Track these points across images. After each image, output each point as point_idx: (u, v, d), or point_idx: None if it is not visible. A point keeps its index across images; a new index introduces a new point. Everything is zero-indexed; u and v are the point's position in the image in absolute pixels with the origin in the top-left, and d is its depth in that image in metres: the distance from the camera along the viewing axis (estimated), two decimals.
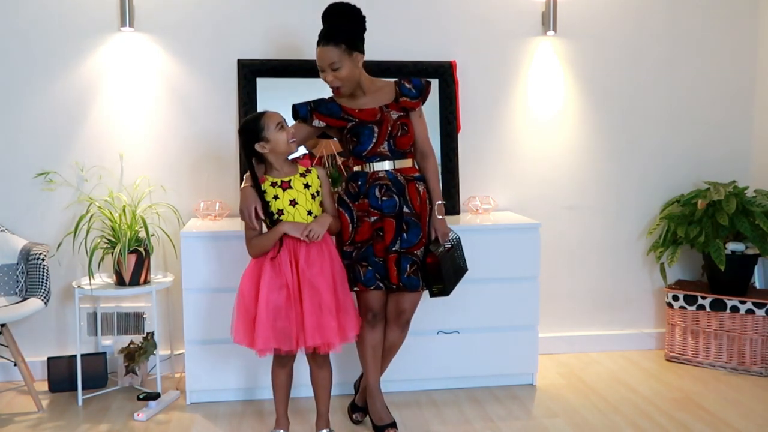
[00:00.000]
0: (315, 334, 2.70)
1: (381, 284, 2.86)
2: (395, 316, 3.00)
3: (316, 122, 2.91)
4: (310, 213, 2.77)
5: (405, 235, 2.85)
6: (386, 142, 2.87)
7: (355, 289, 2.88)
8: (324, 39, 2.82)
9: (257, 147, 2.73)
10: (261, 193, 2.75)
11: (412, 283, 2.86)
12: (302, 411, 3.17)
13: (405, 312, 2.98)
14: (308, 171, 2.83)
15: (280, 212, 2.76)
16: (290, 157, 2.83)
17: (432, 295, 2.93)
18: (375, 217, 2.85)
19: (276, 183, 2.76)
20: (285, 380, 2.89)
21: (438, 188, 2.98)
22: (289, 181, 2.77)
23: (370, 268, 2.85)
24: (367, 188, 2.86)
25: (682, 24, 3.96)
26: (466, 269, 3.07)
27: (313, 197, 2.79)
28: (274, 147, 2.73)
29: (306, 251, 2.74)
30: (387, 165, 2.88)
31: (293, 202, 2.75)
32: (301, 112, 2.92)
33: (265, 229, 2.80)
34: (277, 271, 2.73)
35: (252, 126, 2.73)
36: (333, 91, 2.89)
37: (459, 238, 3.03)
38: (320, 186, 2.83)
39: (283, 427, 2.93)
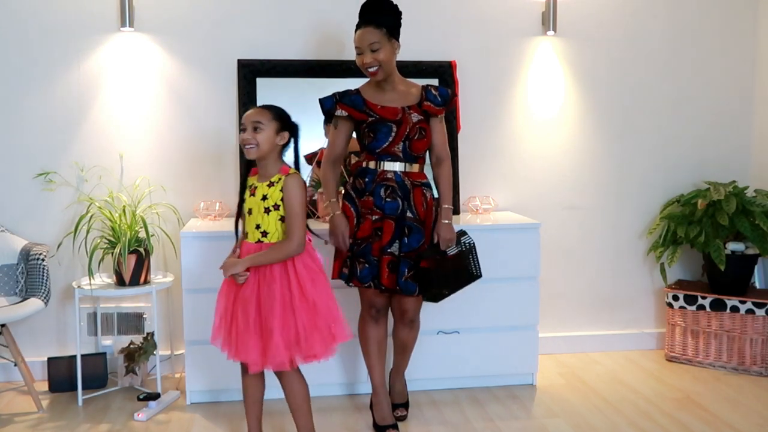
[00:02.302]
0: (242, 351, 2.57)
1: (373, 283, 2.87)
2: (399, 316, 3.02)
3: (339, 111, 2.90)
4: (258, 227, 2.58)
5: (406, 239, 2.85)
6: (401, 143, 2.87)
7: (350, 284, 2.89)
8: (366, 22, 2.85)
9: None
10: (243, 190, 2.67)
11: (408, 288, 2.86)
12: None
13: (408, 312, 2.99)
14: (279, 180, 2.58)
15: (243, 217, 2.66)
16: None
17: (425, 299, 2.94)
18: (376, 217, 2.86)
19: (252, 185, 2.64)
20: (251, 391, 2.73)
21: (448, 193, 2.96)
22: (257, 187, 2.61)
23: (367, 265, 2.85)
24: (373, 187, 2.87)
25: (682, 24, 3.96)
26: (478, 275, 2.99)
27: (267, 211, 2.56)
28: None
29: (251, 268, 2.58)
30: (397, 166, 2.89)
31: (249, 211, 2.62)
32: (327, 104, 2.93)
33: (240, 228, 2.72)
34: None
35: None
36: (369, 74, 2.87)
37: (473, 243, 2.98)
38: (281, 200, 2.56)
39: None
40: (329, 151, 2.98)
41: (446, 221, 2.92)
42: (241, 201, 2.66)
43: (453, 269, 2.92)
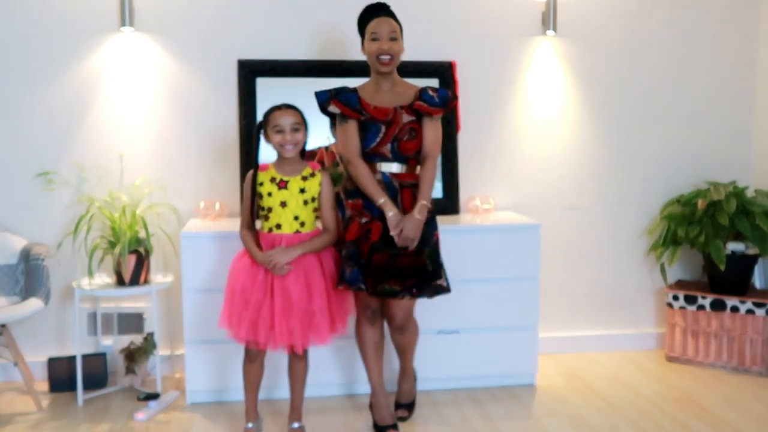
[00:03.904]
0: (283, 335, 2.72)
1: (363, 286, 2.81)
2: (389, 321, 2.98)
3: (332, 108, 2.88)
4: (296, 218, 2.78)
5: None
6: (390, 144, 2.85)
7: (339, 287, 2.84)
8: (384, 13, 2.89)
9: (263, 136, 2.82)
10: (254, 186, 2.80)
11: (393, 290, 2.80)
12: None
13: (394, 317, 2.93)
14: (312, 175, 2.82)
15: (270, 210, 2.78)
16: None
17: (371, 293, 2.84)
18: (366, 219, 2.83)
19: (276, 179, 2.79)
20: (254, 376, 2.90)
21: (427, 191, 2.83)
22: (288, 181, 2.78)
23: (356, 267, 2.81)
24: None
25: (683, 23, 3.96)
26: (440, 282, 2.84)
27: (306, 203, 2.79)
28: (272, 143, 2.81)
29: None
30: (385, 167, 2.86)
31: (283, 204, 2.77)
32: (321, 97, 2.90)
33: (258, 224, 2.85)
34: (255, 264, 2.77)
35: (265, 114, 2.82)
36: (380, 63, 2.84)
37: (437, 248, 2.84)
38: (319, 193, 2.81)
39: (252, 420, 2.94)
40: (349, 151, 2.86)
41: (418, 217, 2.79)
42: (259, 196, 2.80)
43: (409, 266, 2.79)
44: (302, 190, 2.78)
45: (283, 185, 2.78)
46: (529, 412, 3.25)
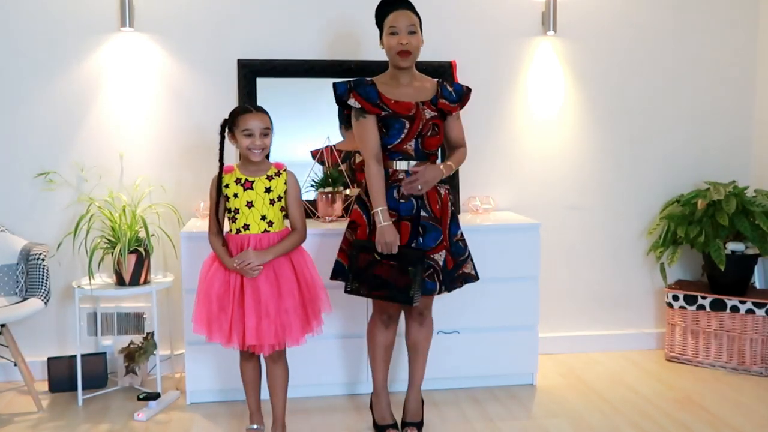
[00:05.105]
0: (252, 335, 2.69)
1: None
2: (409, 310, 2.94)
3: (351, 101, 2.81)
4: (264, 218, 2.75)
5: (421, 239, 2.78)
6: (414, 140, 2.80)
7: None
8: (403, 5, 2.83)
9: (227, 135, 2.78)
10: (220, 186, 2.77)
11: (426, 287, 2.77)
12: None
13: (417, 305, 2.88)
14: (278, 174, 2.79)
15: (236, 211, 2.75)
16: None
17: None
18: (392, 219, 2.78)
19: (240, 180, 2.77)
20: (251, 374, 2.89)
21: (455, 161, 2.88)
22: (253, 181, 2.76)
23: None
24: (386, 188, 2.79)
25: (683, 24, 3.96)
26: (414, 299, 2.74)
27: (272, 203, 2.76)
28: (238, 145, 2.77)
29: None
30: (406, 165, 2.81)
31: (250, 204, 2.74)
32: (340, 89, 2.83)
33: (227, 226, 2.82)
34: (227, 269, 2.75)
35: (232, 114, 2.77)
36: (400, 55, 2.79)
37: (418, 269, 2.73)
38: (284, 192, 2.78)
39: (257, 422, 2.93)
40: (367, 149, 2.79)
41: (441, 169, 2.80)
42: (225, 198, 2.77)
43: (393, 279, 2.73)
44: (268, 190, 2.75)
45: (248, 186, 2.75)
46: (529, 412, 3.25)
